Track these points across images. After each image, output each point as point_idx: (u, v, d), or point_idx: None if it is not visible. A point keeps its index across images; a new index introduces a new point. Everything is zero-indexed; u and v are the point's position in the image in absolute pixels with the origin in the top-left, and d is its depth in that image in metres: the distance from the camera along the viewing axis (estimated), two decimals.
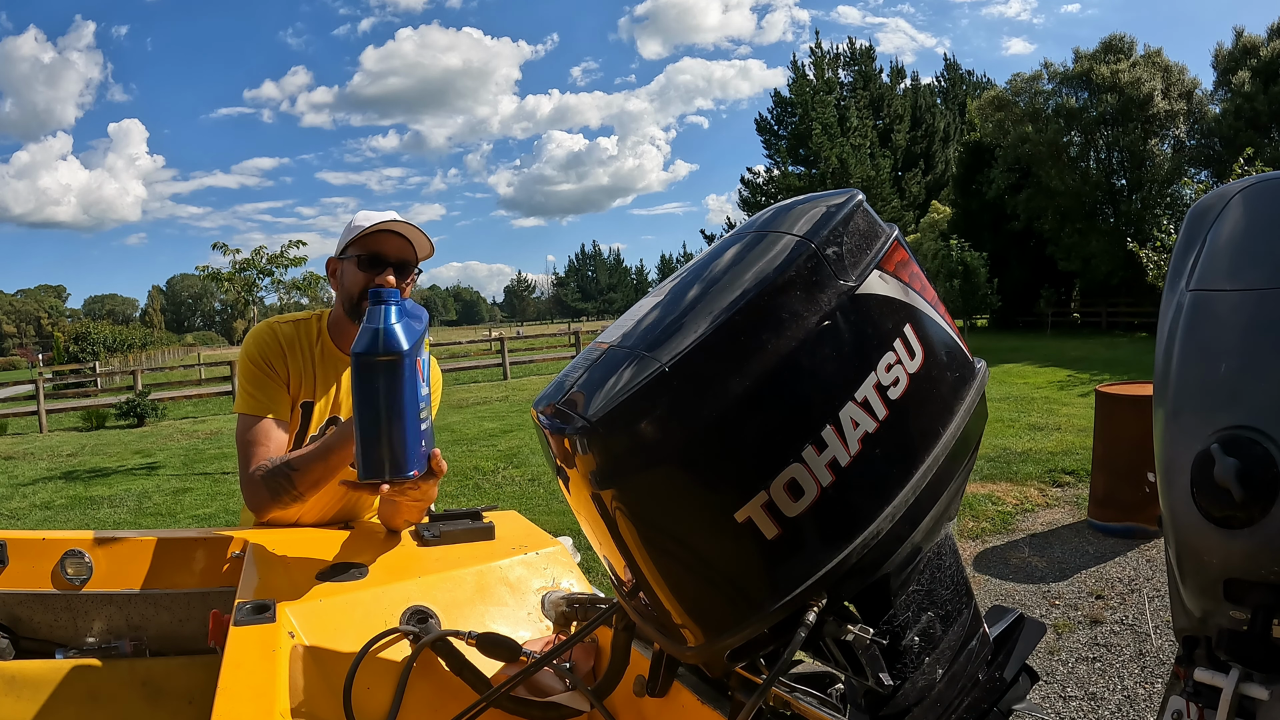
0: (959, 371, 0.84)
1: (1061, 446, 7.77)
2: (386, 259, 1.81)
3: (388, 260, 1.81)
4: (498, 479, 8.33)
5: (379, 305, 1.33)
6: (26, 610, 1.75)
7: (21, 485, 9.90)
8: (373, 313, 1.32)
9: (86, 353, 35.98)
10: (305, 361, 1.87)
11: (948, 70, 45.33)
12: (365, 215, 1.85)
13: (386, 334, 1.30)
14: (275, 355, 1.84)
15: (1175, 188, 22.57)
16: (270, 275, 10.50)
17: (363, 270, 1.81)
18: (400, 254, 1.83)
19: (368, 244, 1.81)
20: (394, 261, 1.82)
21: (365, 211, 1.87)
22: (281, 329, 1.88)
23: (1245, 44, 22.16)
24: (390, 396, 1.30)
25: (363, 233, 1.79)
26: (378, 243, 1.81)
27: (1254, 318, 0.81)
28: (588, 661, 1.29)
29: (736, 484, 0.73)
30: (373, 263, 1.81)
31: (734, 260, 0.82)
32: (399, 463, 1.33)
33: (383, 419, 1.31)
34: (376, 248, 1.81)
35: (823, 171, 29.67)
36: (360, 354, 1.29)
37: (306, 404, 1.87)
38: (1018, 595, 4.44)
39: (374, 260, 1.81)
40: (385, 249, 1.82)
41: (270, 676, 1.11)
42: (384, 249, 1.81)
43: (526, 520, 1.81)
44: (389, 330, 1.30)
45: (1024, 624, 0.97)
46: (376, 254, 1.81)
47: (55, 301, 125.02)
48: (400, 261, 1.83)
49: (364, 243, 1.81)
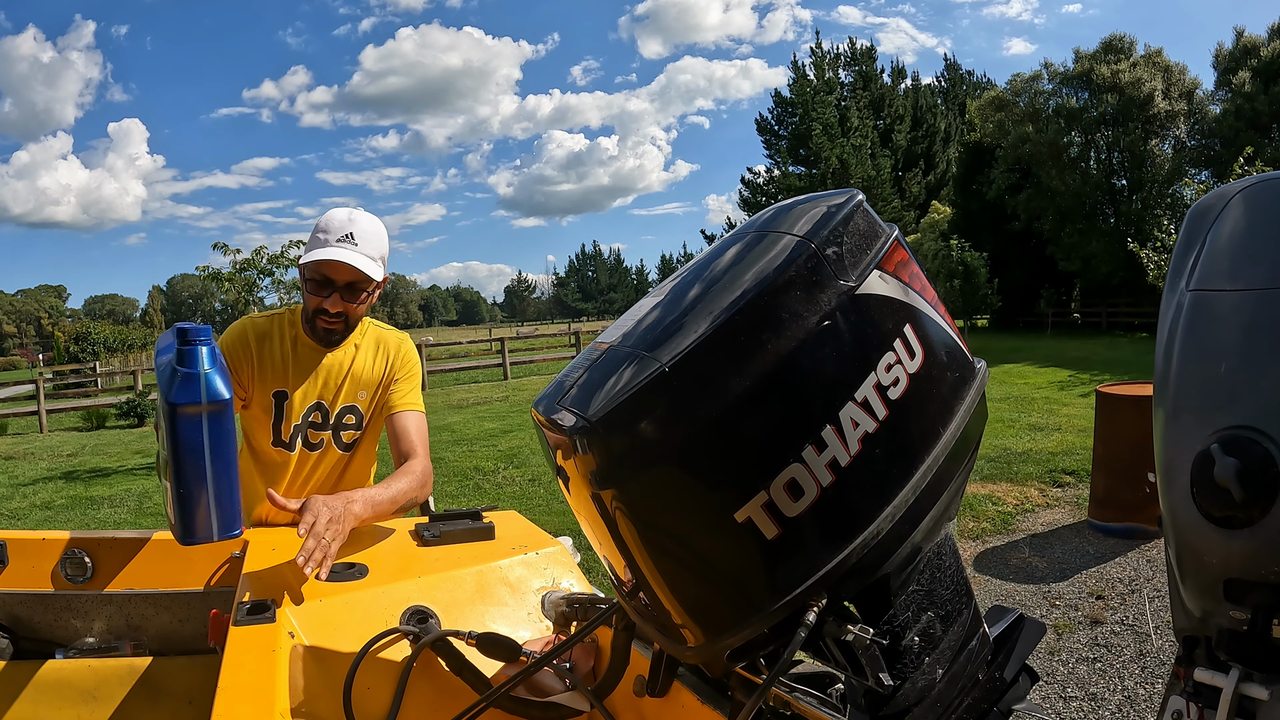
0: (959, 371, 0.84)
1: (1062, 447, 7.77)
2: (334, 283, 1.85)
3: (335, 285, 1.85)
4: (498, 479, 8.33)
5: (189, 346, 1.22)
6: (26, 610, 1.75)
7: (22, 485, 9.90)
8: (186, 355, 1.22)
9: (87, 353, 35.99)
10: (278, 352, 1.91)
11: (948, 70, 45.33)
12: (327, 222, 1.85)
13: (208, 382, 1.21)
14: (241, 349, 1.89)
15: (1175, 188, 22.56)
16: (270, 275, 10.48)
17: (313, 293, 1.86)
18: (350, 277, 1.84)
19: (318, 268, 1.84)
20: (341, 286, 1.85)
21: (332, 213, 1.88)
22: (256, 323, 1.94)
23: (1246, 44, 22.15)
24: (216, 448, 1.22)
25: (313, 260, 1.82)
26: (328, 266, 1.83)
27: (1254, 318, 0.81)
28: (588, 661, 1.29)
29: (736, 484, 0.73)
30: (321, 284, 1.85)
31: (734, 260, 0.82)
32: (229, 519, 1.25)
33: (209, 473, 1.22)
34: (326, 272, 1.84)
35: (823, 172, 29.66)
36: (180, 404, 1.20)
37: (279, 392, 1.91)
38: (1018, 595, 4.44)
39: (325, 283, 1.85)
40: (334, 274, 1.84)
41: (270, 676, 1.11)
42: (333, 274, 1.84)
43: (526, 520, 1.81)
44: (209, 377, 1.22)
45: (1024, 624, 0.97)
46: (326, 278, 1.85)
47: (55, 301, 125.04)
48: (348, 284, 1.86)
49: (314, 266, 1.84)
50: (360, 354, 1.98)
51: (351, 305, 1.88)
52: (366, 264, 1.83)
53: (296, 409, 1.93)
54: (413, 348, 2.06)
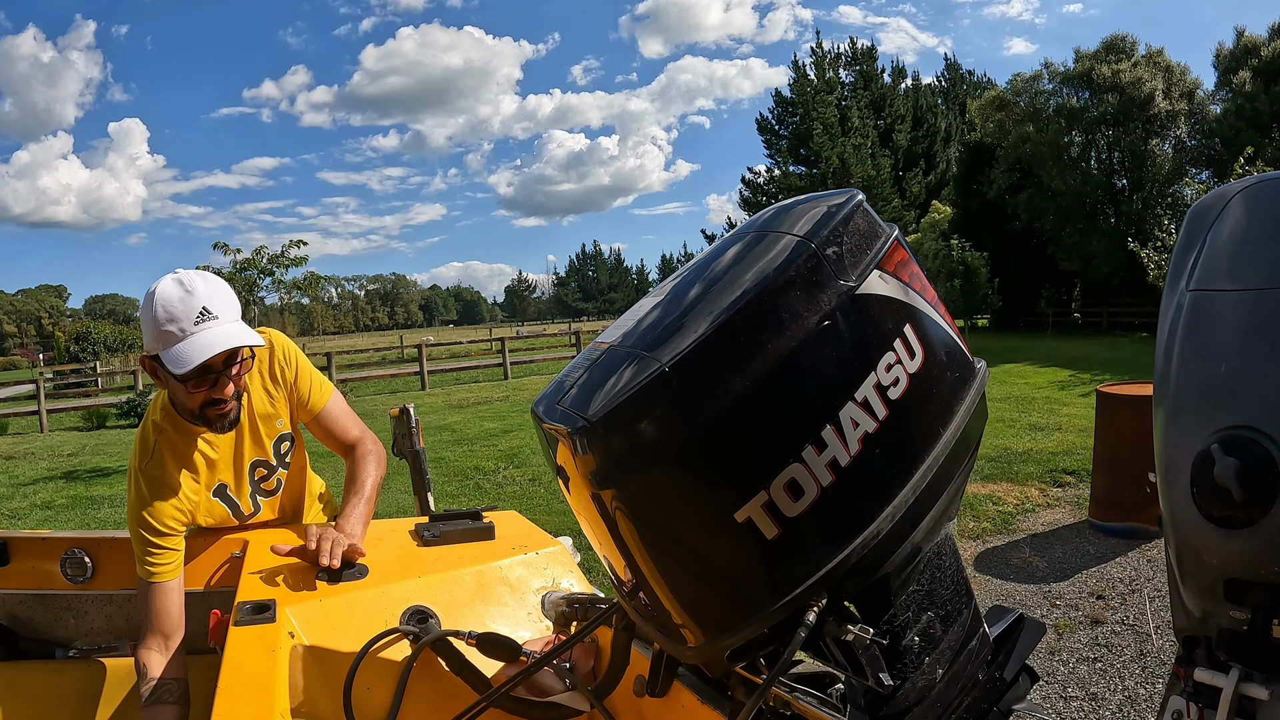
0: (959, 371, 0.84)
1: (1062, 447, 7.77)
2: (214, 368, 1.58)
3: (215, 369, 1.59)
4: (498, 479, 8.33)
5: None
6: (26, 610, 1.75)
7: (22, 485, 9.90)
8: None
9: (87, 352, 35.97)
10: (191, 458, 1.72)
11: (948, 70, 45.32)
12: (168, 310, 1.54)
13: None
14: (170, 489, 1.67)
15: (1176, 188, 22.54)
16: (271, 275, 10.49)
17: (194, 390, 1.59)
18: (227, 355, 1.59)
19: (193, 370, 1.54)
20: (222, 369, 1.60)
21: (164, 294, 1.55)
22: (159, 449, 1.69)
23: (1246, 44, 22.13)
24: None
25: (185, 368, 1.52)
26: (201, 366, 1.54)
27: (1254, 318, 0.81)
28: (588, 661, 1.29)
29: (736, 484, 0.73)
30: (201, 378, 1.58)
31: (734, 260, 0.82)
32: None
33: None
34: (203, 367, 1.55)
35: (823, 171, 29.65)
36: None
37: (219, 487, 1.77)
38: (1018, 595, 4.44)
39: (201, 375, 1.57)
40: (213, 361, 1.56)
41: (270, 676, 1.11)
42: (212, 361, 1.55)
43: (526, 520, 1.81)
44: None
45: (1024, 624, 0.97)
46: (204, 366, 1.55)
47: (56, 301, 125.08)
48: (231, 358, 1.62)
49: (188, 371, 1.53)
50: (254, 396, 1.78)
51: (239, 379, 1.66)
52: (243, 334, 1.58)
53: (240, 485, 1.80)
54: (283, 341, 1.85)
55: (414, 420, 2.49)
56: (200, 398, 1.60)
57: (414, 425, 2.48)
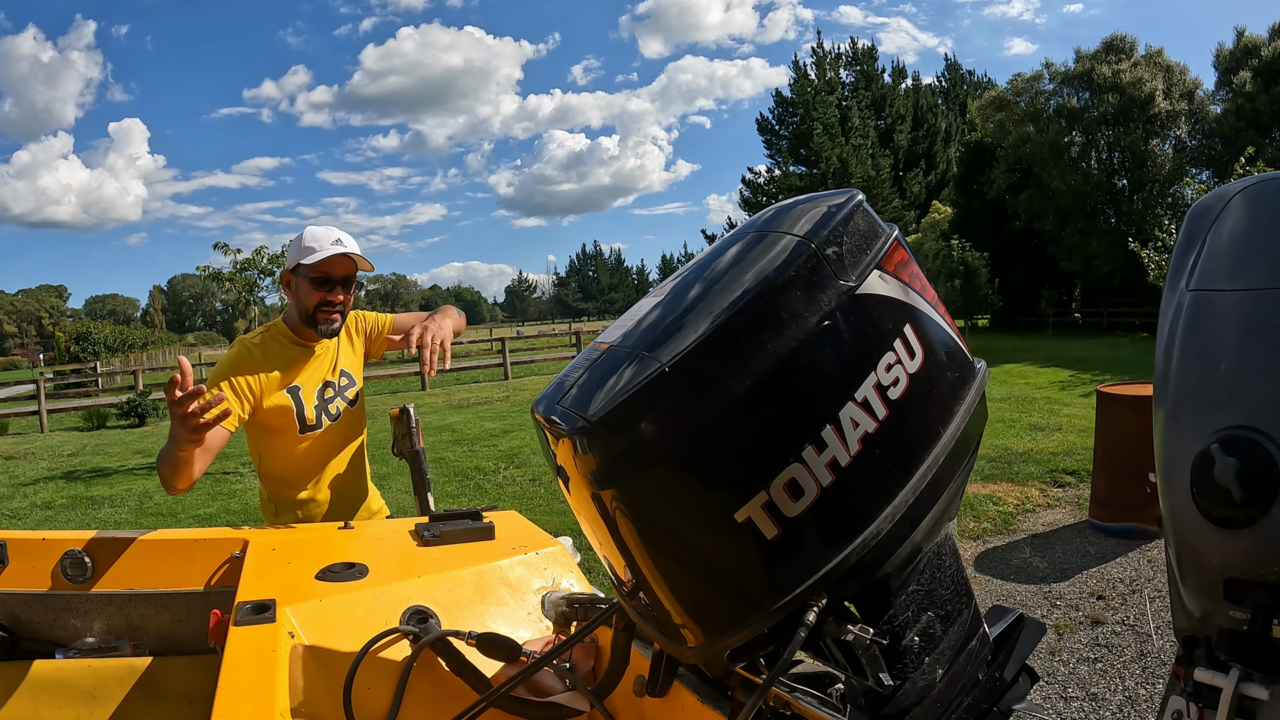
0: (959, 371, 0.84)
1: (1062, 447, 7.77)
2: (334, 278, 2.19)
3: (335, 279, 2.19)
4: (498, 479, 8.33)
5: None
6: (26, 610, 1.75)
7: (22, 485, 9.91)
8: None
9: (87, 352, 36.00)
10: (280, 357, 2.22)
11: (949, 70, 45.31)
12: (314, 235, 2.19)
13: None
14: (246, 369, 2.17)
15: (1176, 188, 22.53)
16: (271, 275, 10.49)
17: (316, 289, 2.18)
18: (345, 272, 2.21)
19: (319, 266, 2.16)
20: (340, 280, 2.20)
21: (312, 229, 2.22)
22: (253, 342, 2.23)
23: (1246, 44, 22.13)
24: None
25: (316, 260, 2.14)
26: (327, 264, 2.16)
27: (1254, 318, 0.81)
28: (588, 661, 1.29)
29: (736, 484, 0.73)
30: (323, 282, 2.18)
31: (734, 260, 0.82)
32: None
33: None
34: (326, 269, 2.17)
35: (824, 172, 29.64)
36: None
37: (293, 387, 2.22)
38: (1019, 595, 4.44)
39: (324, 280, 2.18)
40: (333, 270, 2.18)
41: (270, 676, 1.11)
42: (332, 270, 2.18)
43: (526, 520, 1.81)
44: None
45: (1024, 624, 0.97)
46: (326, 274, 2.17)
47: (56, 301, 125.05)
48: (345, 279, 2.21)
49: (316, 265, 2.15)
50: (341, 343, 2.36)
51: (347, 297, 2.23)
52: (358, 258, 2.19)
53: (310, 395, 2.24)
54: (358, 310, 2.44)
55: (414, 420, 2.49)
56: (318, 298, 2.17)
57: (414, 425, 2.48)
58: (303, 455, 2.26)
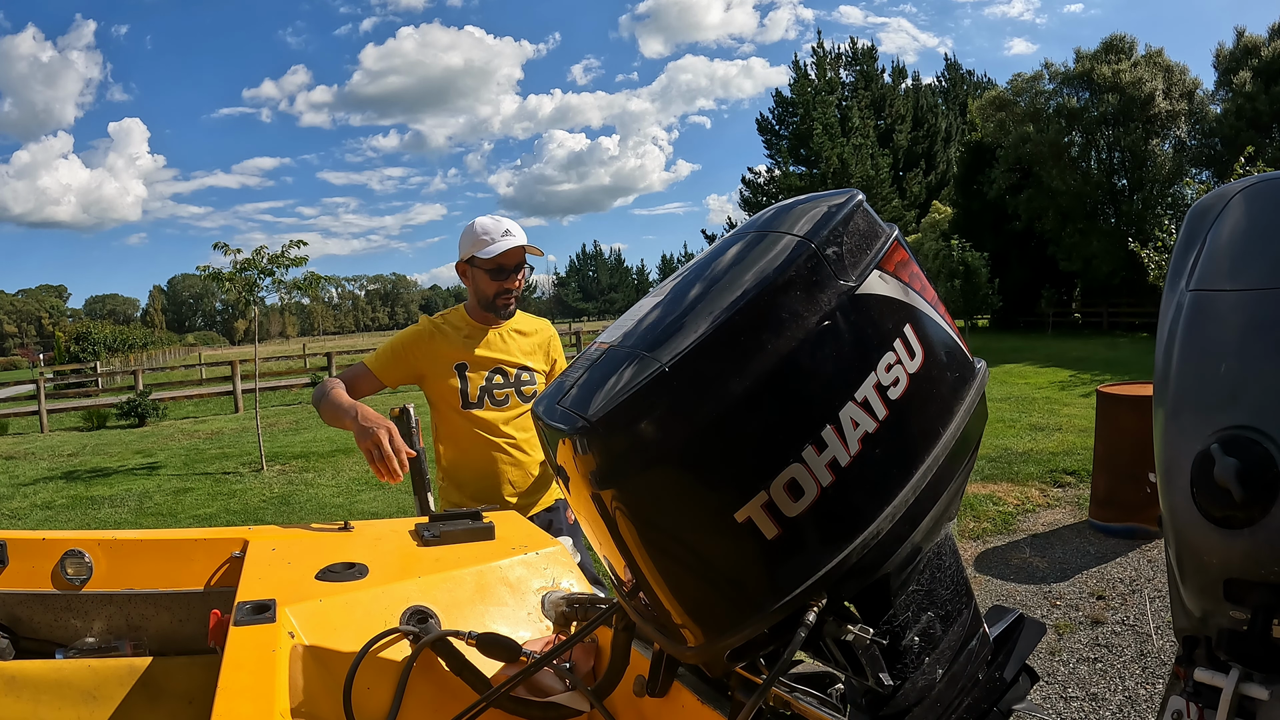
0: (959, 371, 0.84)
1: (1063, 447, 7.77)
2: (507, 268, 2.42)
3: (509, 268, 2.42)
4: None
5: None
6: (26, 610, 1.75)
7: (22, 485, 9.90)
8: None
9: (87, 353, 35.98)
10: (453, 335, 2.48)
11: (949, 70, 45.31)
12: (484, 228, 2.42)
13: None
14: (418, 341, 2.47)
15: (1176, 188, 22.54)
16: (271, 275, 10.46)
17: (494, 279, 2.43)
18: (518, 260, 2.44)
19: (497, 259, 2.38)
20: (513, 268, 2.43)
21: (482, 221, 2.45)
22: (437, 322, 2.52)
23: (1246, 44, 22.13)
24: None
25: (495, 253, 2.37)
26: (503, 256, 2.39)
27: (1254, 318, 0.81)
28: (588, 661, 1.29)
29: (736, 484, 0.73)
30: (499, 272, 2.42)
31: (734, 260, 0.82)
32: None
33: None
34: (502, 260, 2.40)
35: (824, 172, 29.63)
36: None
37: (460, 365, 2.46)
38: (1019, 595, 4.44)
39: (499, 270, 2.42)
40: (507, 260, 2.41)
41: (270, 676, 1.11)
42: (506, 261, 2.41)
43: (526, 520, 1.81)
44: None
45: (1024, 624, 0.97)
46: (501, 265, 2.41)
47: (56, 301, 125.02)
48: (517, 265, 2.44)
49: (493, 259, 2.38)
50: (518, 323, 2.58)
51: (520, 283, 2.47)
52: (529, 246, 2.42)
53: (477, 376, 2.46)
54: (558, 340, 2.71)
55: (414, 420, 2.49)
56: (496, 287, 2.43)
57: (414, 425, 2.48)
58: (467, 433, 2.46)
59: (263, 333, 30.11)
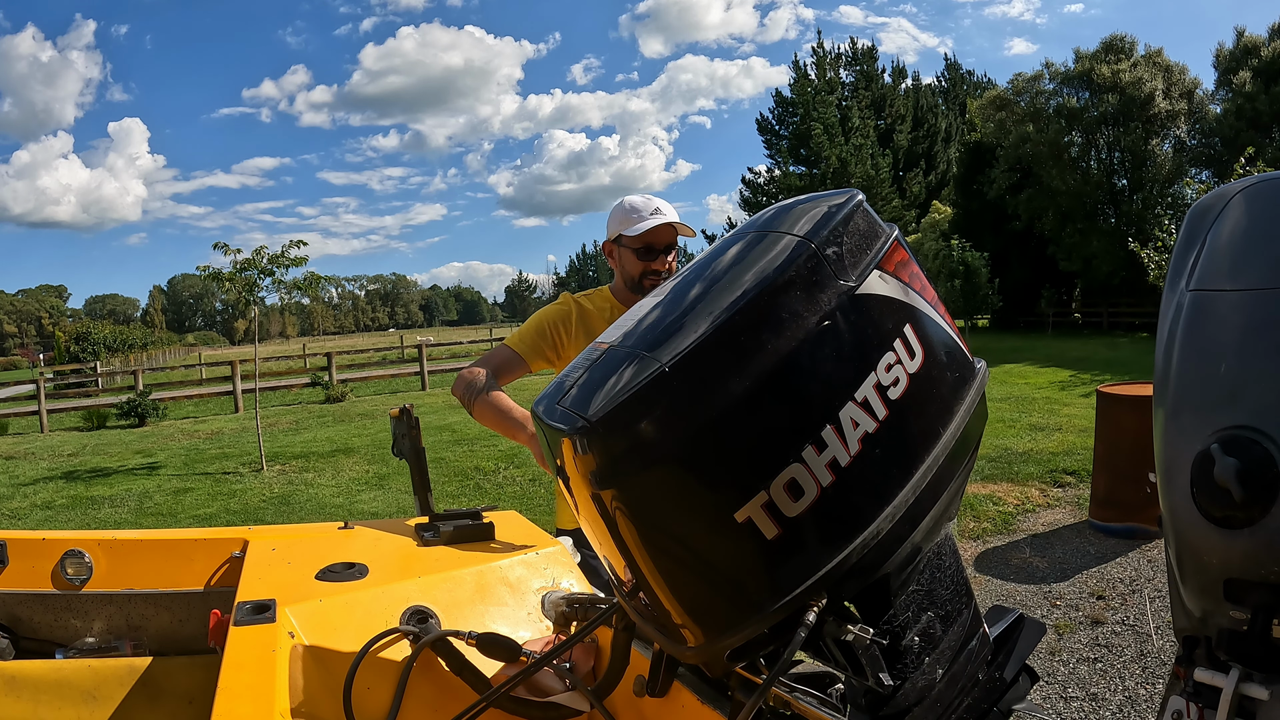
0: (959, 371, 0.84)
1: (1063, 447, 7.77)
2: (656, 247, 2.27)
3: (658, 248, 2.27)
4: (498, 479, 8.33)
5: None
6: (26, 610, 1.75)
7: (22, 485, 9.90)
8: None
9: (87, 352, 35.97)
10: (597, 315, 2.34)
11: (949, 70, 45.32)
12: (633, 205, 2.28)
13: None
14: (565, 322, 2.32)
15: (1176, 188, 22.55)
16: (271, 275, 10.46)
17: (641, 259, 2.27)
18: (668, 240, 2.27)
19: (644, 237, 2.24)
20: (662, 248, 2.28)
21: (630, 199, 2.32)
22: (581, 302, 2.38)
23: (1246, 44, 22.14)
24: None
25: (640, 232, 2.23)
26: (651, 235, 2.24)
27: (1254, 318, 0.81)
28: (588, 661, 1.29)
29: (736, 484, 0.73)
30: (647, 251, 2.27)
31: (734, 260, 0.82)
32: None
33: None
34: (650, 239, 2.25)
35: (824, 172, 29.61)
36: None
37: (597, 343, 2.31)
38: (1019, 595, 4.44)
39: (648, 250, 2.26)
40: (656, 240, 2.26)
41: (270, 676, 1.11)
42: (655, 240, 2.26)
43: (526, 520, 1.81)
44: None
45: (1024, 624, 0.97)
46: (649, 244, 2.26)
47: (56, 301, 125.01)
48: (667, 246, 2.28)
49: (639, 236, 2.24)
50: None
51: (670, 264, 2.31)
52: (680, 225, 2.29)
53: None
54: None
55: (414, 420, 2.49)
56: (642, 267, 2.25)
57: (414, 425, 2.48)
58: None
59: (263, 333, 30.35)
